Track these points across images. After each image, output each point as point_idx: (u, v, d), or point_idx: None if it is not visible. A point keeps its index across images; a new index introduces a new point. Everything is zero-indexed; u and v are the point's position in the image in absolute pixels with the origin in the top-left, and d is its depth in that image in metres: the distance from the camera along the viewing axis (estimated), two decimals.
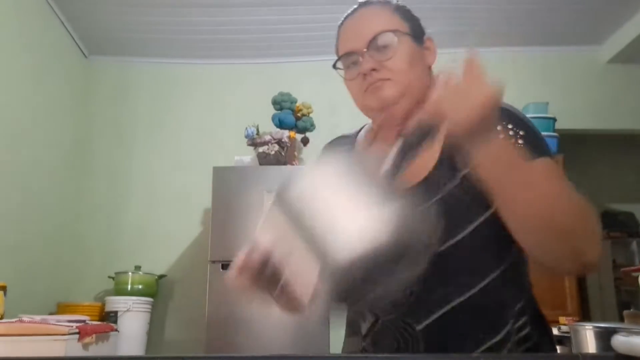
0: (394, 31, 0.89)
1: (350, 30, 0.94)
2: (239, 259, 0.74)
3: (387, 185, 0.69)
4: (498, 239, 0.79)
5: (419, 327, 0.82)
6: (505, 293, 0.83)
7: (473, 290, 0.81)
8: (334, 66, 0.95)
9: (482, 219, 0.81)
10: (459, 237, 0.82)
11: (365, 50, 0.89)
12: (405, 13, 0.95)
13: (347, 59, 0.93)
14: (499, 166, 0.72)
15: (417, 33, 0.93)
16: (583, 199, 0.74)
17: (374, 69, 0.88)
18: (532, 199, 0.72)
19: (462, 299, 0.81)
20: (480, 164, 0.73)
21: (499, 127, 0.74)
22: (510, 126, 0.81)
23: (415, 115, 0.74)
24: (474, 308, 0.81)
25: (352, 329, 0.95)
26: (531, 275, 0.91)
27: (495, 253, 0.82)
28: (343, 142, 1.07)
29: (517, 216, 0.74)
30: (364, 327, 0.90)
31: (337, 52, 0.96)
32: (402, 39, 0.90)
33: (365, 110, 0.95)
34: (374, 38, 0.89)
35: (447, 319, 0.81)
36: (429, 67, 0.95)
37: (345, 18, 0.96)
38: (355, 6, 0.96)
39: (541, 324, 0.88)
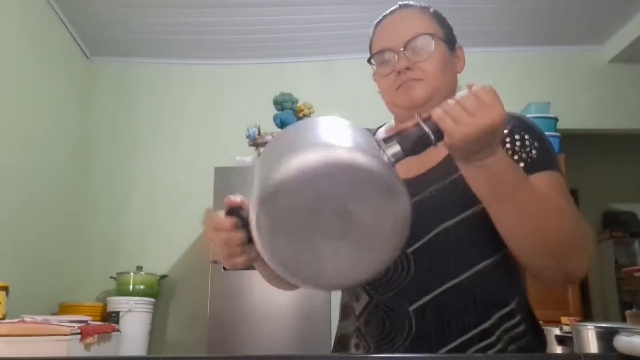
0: (432, 35, 0.92)
1: (388, 29, 0.97)
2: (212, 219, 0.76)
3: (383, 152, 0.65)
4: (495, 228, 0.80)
5: (412, 307, 0.84)
6: (498, 281, 0.85)
7: (467, 273, 0.84)
8: (369, 61, 0.98)
9: (480, 207, 0.83)
10: (457, 218, 0.84)
11: (402, 49, 0.92)
12: (441, 19, 0.98)
13: (381, 56, 0.95)
14: (493, 187, 0.73)
15: (450, 40, 0.96)
16: (581, 217, 0.77)
17: (408, 68, 0.91)
18: (523, 201, 0.73)
19: (456, 281, 0.84)
20: (474, 183, 0.74)
21: (514, 136, 0.76)
22: (527, 137, 0.84)
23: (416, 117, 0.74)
24: (466, 291, 0.83)
25: (345, 312, 0.97)
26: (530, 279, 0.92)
27: (491, 240, 0.83)
28: None
29: (507, 226, 0.76)
30: (358, 308, 0.92)
31: (370, 47, 0.99)
32: (437, 44, 0.92)
33: (393, 107, 0.97)
34: (412, 39, 0.91)
35: (439, 300, 0.83)
36: (456, 75, 0.98)
37: (384, 17, 0.99)
38: (394, 7, 0.99)
39: (536, 329, 0.89)
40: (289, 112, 3.01)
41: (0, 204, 2.42)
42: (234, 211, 0.73)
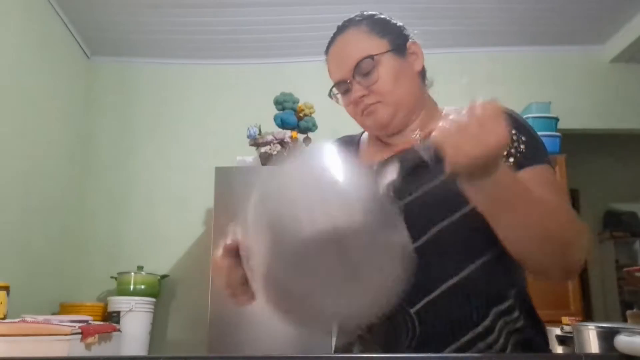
0: (372, 56, 0.91)
1: (334, 60, 0.98)
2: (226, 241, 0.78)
3: (372, 183, 0.67)
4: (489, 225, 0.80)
5: (413, 310, 0.84)
6: (496, 276, 0.85)
7: (465, 272, 0.84)
8: (330, 94, 0.99)
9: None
10: (453, 218, 0.84)
11: (352, 77, 0.92)
12: (382, 28, 0.96)
13: (339, 87, 0.97)
14: (495, 203, 0.73)
15: (398, 45, 0.95)
16: (572, 210, 0.78)
17: (363, 96, 0.92)
18: (524, 211, 0.73)
19: (454, 280, 0.83)
20: (476, 201, 0.74)
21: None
22: (513, 132, 0.83)
23: (415, 137, 0.74)
24: (465, 290, 0.83)
25: None
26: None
27: (487, 236, 0.83)
28: (347, 143, 1.09)
29: (505, 227, 0.76)
30: None
31: (331, 78, 1.00)
32: (382, 60, 0.92)
33: (367, 130, 1.00)
34: (357, 65, 0.92)
35: (439, 301, 0.83)
36: (419, 72, 0.97)
37: (328, 46, 1.00)
38: (334, 31, 0.99)
39: (535, 322, 0.89)
40: (289, 112, 3.01)
41: (1, 204, 2.42)
42: (231, 253, 0.76)
